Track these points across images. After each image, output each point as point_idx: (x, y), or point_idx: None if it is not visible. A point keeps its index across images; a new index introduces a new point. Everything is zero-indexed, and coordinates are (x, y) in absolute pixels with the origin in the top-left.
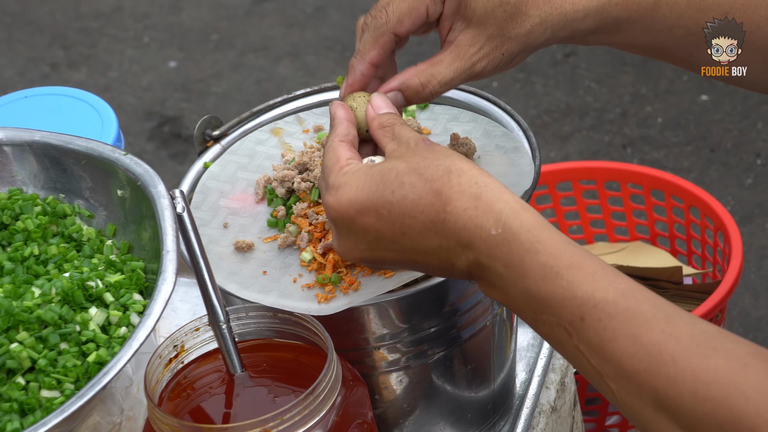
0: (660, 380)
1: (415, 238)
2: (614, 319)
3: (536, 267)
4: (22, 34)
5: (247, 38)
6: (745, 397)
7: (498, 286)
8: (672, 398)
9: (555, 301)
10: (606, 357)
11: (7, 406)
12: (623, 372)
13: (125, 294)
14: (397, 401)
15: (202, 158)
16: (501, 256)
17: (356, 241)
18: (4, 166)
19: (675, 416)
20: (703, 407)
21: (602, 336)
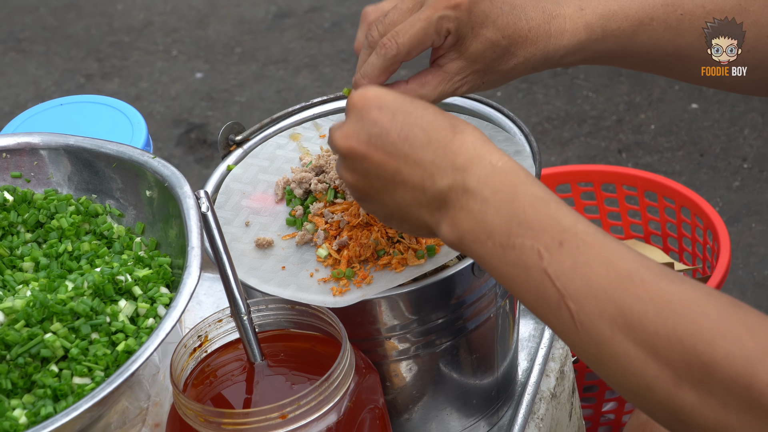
0: (627, 298)
1: (413, 147)
2: (592, 248)
3: (527, 195)
4: (59, 47)
5: (268, 51)
6: (707, 316)
7: (475, 211)
8: (636, 314)
9: (538, 225)
10: (575, 279)
11: (42, 392)
12: (590, 291)
13: (153, 287)
14: (407, 388)
15: (226, 161)
16: (493, 183)
17: (360, 129)
18: (41, 168)
19: (633, 333)
20: (666, 322)
21: (577, 260)
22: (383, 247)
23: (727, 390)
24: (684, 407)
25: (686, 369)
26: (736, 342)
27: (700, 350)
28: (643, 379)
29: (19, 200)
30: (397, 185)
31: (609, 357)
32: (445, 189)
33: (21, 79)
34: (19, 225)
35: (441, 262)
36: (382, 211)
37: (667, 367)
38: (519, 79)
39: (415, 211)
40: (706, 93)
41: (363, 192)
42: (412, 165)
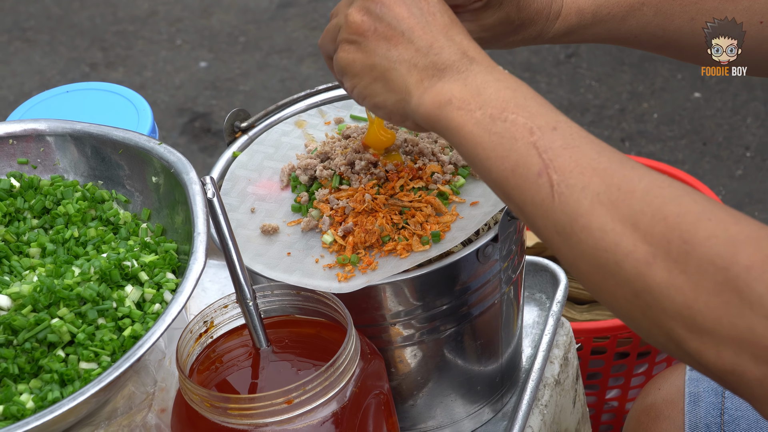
0: (616, 177)
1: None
2: (585, 138)
3: (531, 92)
4: (64, 36)
5: (272, 40)
6: (695, 201)
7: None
8: (623, 191)
9: (535, 110)
10: (564, 155)
11: (48, 377)
12: (577, 167)
13: (159, 273)
14: (412, 374)
15: (231, 148)
16: (499, 75)
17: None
18: (47, 154)
19: (615, 208)
20: (653, 201)
21: (569, 143)
22: (388, 234)
23: (703, 271)
24: (652, 286)
25: (665, 246)
26: (721, 225)
27: (683, 228)
28: (614, 255)
29: (26, 186)
30: (403, 40)
31: (581, 230)
32: (449, 61)
33: (26, 69)
34: (25, 211)
35: (446, 248)
36: (364, 62)
37: (643, 243)
38: (522, 68)
39: (403, 69)
40: (709, 82)
41: (361, 33)
42: (428, 32)
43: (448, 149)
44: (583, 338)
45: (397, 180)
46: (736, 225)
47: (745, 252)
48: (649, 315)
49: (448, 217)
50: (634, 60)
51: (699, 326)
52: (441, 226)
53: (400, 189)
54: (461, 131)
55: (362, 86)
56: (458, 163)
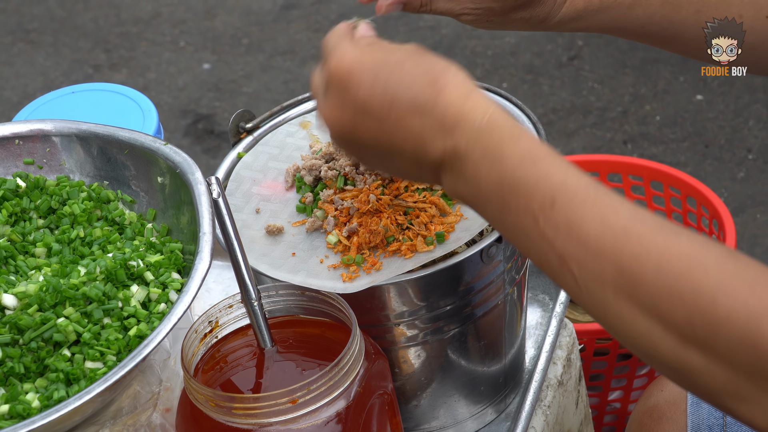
0: (624, 257)
1: (401, 114)
2: (584, 203)
3: (515, 154)
4: (68, 38)
5: (275, 42)
6: (706, 270)
7: (469, 177)
8: (635, 274)
9: (528, 185)
10: (572, 238)
11: (54, 376)
12: (588, 252)
13: (164, 273)
14: (416, 374)
15: (236, 149)
16: (482, 143)
17: (344, 104)
18: (53, 155)
19: (635, 295)
20: (665, 281)
21: (571, 219)
22: (393, 234)
23: (733, 349)
24: (692, 367)
25: (690, 329)
26: (738, 299)
27: (702, 309)
28: (650, 340)
29: (32, 186)
30: (394, 154)
31: (615, 318)
32: (438, 157)
33: (29, 70)
34: (31, 211)
35: (450, 249)
36: (387, 172)
37: (671, 327)
38: (524, 70)
39: (416, 173)
40: (711, 84)
41: (364, 159)
42: (404, 134)
43: None
44: (585, 339)
45: (402, 181)
46: (753, 295)
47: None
48: (698, 390)
49: (453, 217)
50: (636, 62)
51: (744, 398)
52: (445, 227)
53: (404, 189)
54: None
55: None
56: None
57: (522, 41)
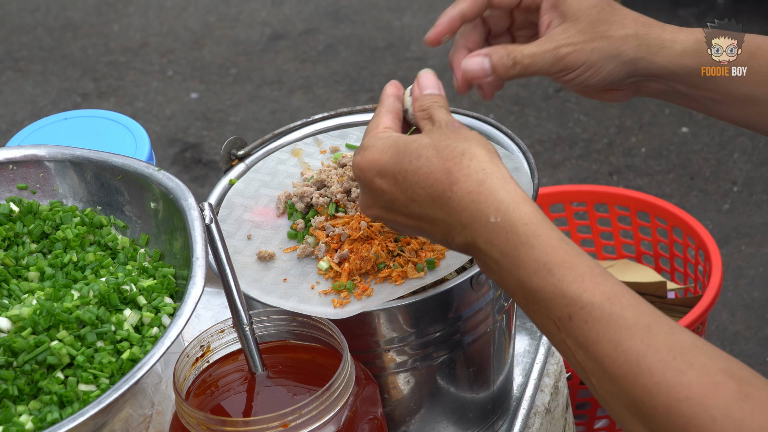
0: (637, 389)
1: (423, 206)
2: (599, 323)
3: (530, 261)
4: (56, 67)
5: (263, 72)
6: (713, 419)
7: (494, 271)
8: (647, 408)
9: (546, 296)
10: (590, 356)
11: (48, 399)
12: (604, 373)
13: (157, 297)
14: (405, 400)
15: (228, 176)
16: (498, 244)
17: (374, 199)
18: (47, 180)
19: (647, 423)
20: (675, 422)
21: (587, 336)
22: (384, 260)
23: None
24: None
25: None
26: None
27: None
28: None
29: (25, 211)
30: (428, 234)
31: (625, 426)
32: (463, 246)
33: (18, 98)
34: (24, 235)
35: (440, 275)
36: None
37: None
38: (511, 102)
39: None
40: (696, 117)
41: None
42: (430, 223)
43: None
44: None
45: None
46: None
47: None
48: None
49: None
50: None
51: None
52: (436, 254)
53: None
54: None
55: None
56: None
57: None
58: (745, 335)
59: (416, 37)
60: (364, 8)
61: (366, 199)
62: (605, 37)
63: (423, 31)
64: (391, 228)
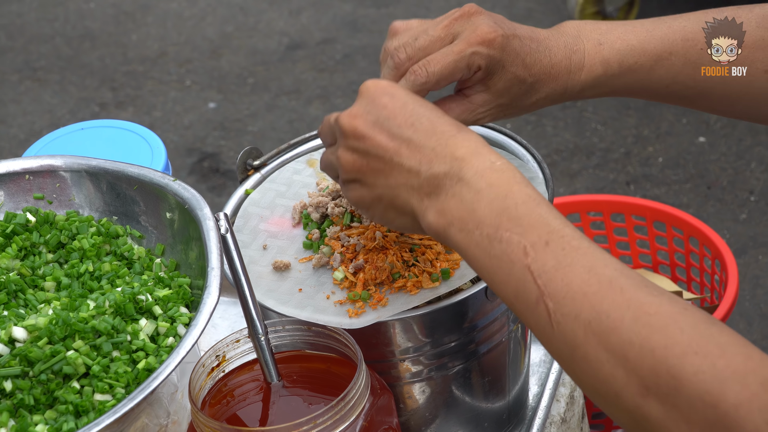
0: (605, 303)
1: (417, 132)
2: (576, 251)
3: (521, 194)
4: (75, 76)
5: (281, 82)
6: (681, 330)
7: (466, 201)
8: (612, 320)
9: (527, 222)
10: (556, 279)
11: (63, 408)
12: (569, 293)
13: (173, 307)
14: (420, 410)
15: (244, 186)
16: (489, 178)
17: (369, 110)
18: (63, 190)
19: (606, 338)
20: (640, 331)
21: (560, 261)
22: (399, 270)
23: (693, 407)
24: (649, 418)
25: (654, 380)
26: (707, 360)
27: (671, 363)
28: (612, 386)
29: (42, 221)
30: (394, 166)
31: (580, 360)
32: (440, 174)
33: (36, 108)
34: (41, 245)
35: (455, 286)
36: (370, 195)
37: (635, 376)
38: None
39: (404, 194)
40: (714, 126)
41: (357, 172)
42: (413, 148)
43: None
44: None
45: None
46: (722, 358)
47: (732, 389)
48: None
49: (458, 255)
50: (639, 104)
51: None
52: (450, 264)
53: None
54: (467, 253)
55: (379, 216)
56: None
57: None
58: (762, 345)
59: None
60: (381, 18)
61: (358, 109)
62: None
63: None
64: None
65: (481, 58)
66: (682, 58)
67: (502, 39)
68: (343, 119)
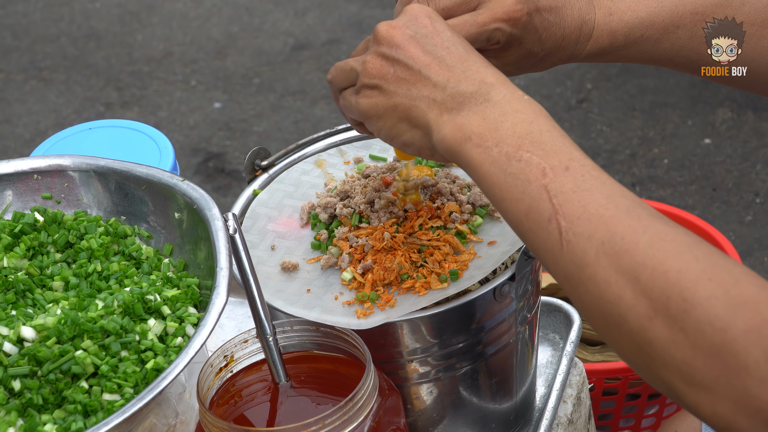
0: (621, 227)
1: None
2: (596, 179)
3: (546, 123)
4: (80, 76)
5: (286, 82)
6: (696, 258)
7: (490, 119)
8: (626, 243)
9: (550, 147)
10: (573, 200)
11: (72, 408)
12: (585, 214)
13: (181, 307)
14: (428, 410)
15: (252, 186)
16: (517, 104)
17: (409, 25)
18: (71, 190)
19: (618, 259)
20: (654, 255)
21: (579, 185)
22: (407, 271)
23: (701, 331)
24: (653, 341)
25: (664, 302)
26: (721, 287)
27: (683, 286)
28: (618, 307)
29: (50, 221)
30: (420, 78)
31: (587, 280)
32: (466, 93)
33: (41, 107)
34: (49, 245)
35: (464, 287)
36: (386, 103)
37: (644, 297)
38: None
39: (423, 105)
40: (719, 128)
41: (381, 78)
42: (444, 66)
43: (465, 189)
44: (594, 379)
45: (416, 219)
46: (736, 287)
47: (744, 316)
48: (652, 367)
49: (466, 255)
50: (645, 106)
51: (697, 382)
52: (459, 265)
53: (419, 228)
54: (480, 170)
55: (388, 127)
56: (476, 202)
57: (531, 84)
58: None
59: None
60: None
61: (400, 21)
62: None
63: None
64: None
65: (503, 35)
66: (688, 32)
67: (527, 17)
68: (381, 26)
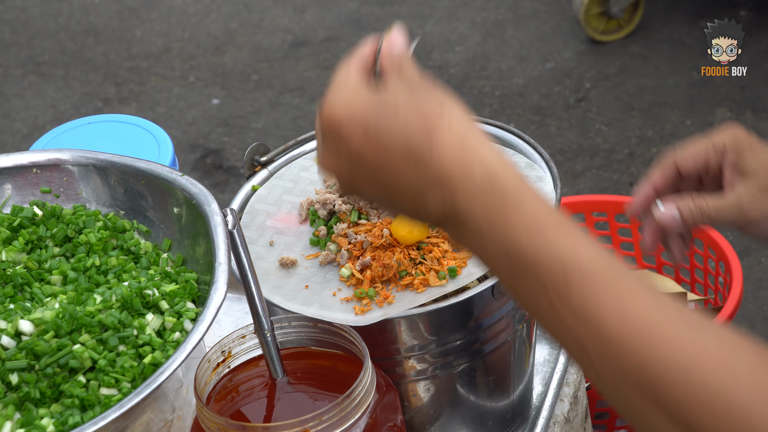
0: (647, 357)
1: (395, 165)
2: (599, 284)
3: (520, 223)
4: (78, 71)
5: (284, 79)
6: (738, 382)
7: (474, 236)
8: (660, 378)
9: (538, 260)
10: (590, 326)
11: (69, 402)
12: (609, 346)
13: (179, 302)
14: (425, 407)
15: (251, 182)
16: (483, 206)
17: (339, 154)
18: (70, 184)
19: (661, 400)
20: (694, 389)
21: (586, 303)
22: (405, 268)
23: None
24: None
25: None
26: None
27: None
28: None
29: (48, 215)
30: (396, 204)
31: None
32: (439, 211)
33: (39, 102)
34: (47, 239)
35: (462, 284)
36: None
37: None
38: (532, 112)
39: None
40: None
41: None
42: (402, 185)
43: None
44: None
45: None
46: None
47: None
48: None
49: (465, 253)
50: (643, 105)
51: None
52: (458, 262)
53: None
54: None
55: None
56: None
57: (530, 82)
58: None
59: (438, 46)
60: (386, 16)
61: (330, 150)
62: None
63: (444, 40)
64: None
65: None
66: None
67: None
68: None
